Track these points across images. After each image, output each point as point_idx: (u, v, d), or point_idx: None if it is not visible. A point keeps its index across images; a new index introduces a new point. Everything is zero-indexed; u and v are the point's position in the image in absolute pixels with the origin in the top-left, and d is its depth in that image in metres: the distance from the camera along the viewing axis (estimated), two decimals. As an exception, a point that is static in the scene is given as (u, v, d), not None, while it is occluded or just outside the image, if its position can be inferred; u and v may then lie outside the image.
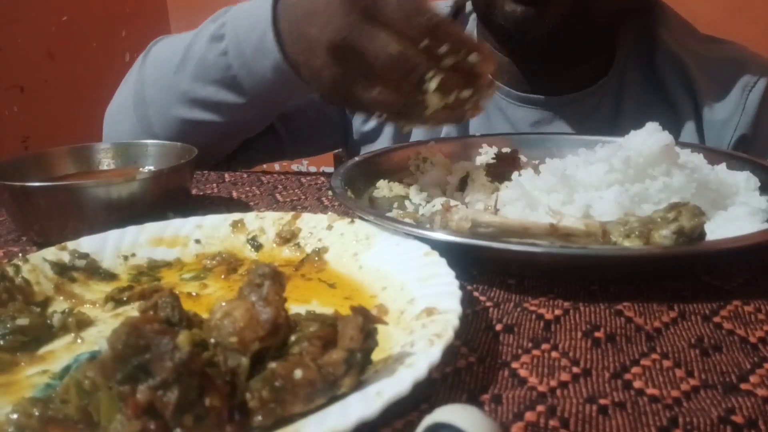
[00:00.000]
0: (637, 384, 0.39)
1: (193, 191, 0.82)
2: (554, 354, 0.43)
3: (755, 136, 0.87)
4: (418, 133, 1.00)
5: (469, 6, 1.01)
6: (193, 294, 0.52)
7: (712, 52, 0.91)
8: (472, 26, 1.01)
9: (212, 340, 0.34)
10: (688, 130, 0.90)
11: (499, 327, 0.46)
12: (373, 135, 1.04)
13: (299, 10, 0.68)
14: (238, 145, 0.96)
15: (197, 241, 0.59)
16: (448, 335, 0.39)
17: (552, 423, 0.35)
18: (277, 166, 2.27)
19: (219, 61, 0.78)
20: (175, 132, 0.84)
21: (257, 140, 0.98)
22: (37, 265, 0.52)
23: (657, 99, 0.92)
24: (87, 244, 0.56)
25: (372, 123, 1.03)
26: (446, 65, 0.59)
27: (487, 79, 0.62)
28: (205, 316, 0.38)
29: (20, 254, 0.62)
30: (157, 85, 0.85)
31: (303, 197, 0.81)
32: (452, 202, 0.65)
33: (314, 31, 0.64)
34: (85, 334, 0.46)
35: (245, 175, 0.91)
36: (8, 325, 0.45)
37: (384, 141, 1.02)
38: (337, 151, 1.37)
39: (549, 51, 0.88)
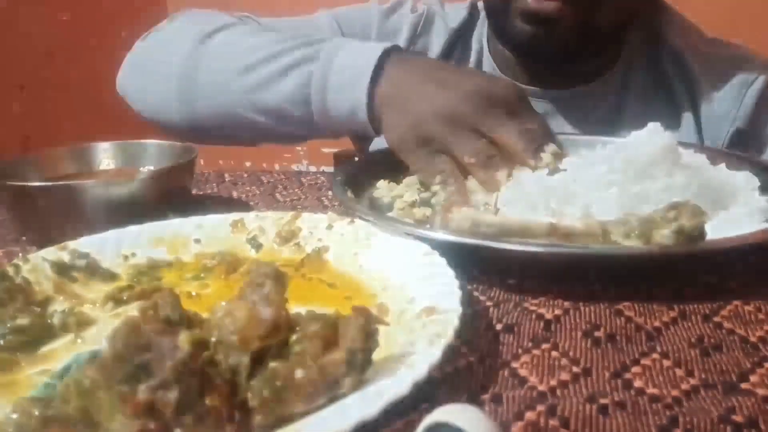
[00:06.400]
0: (638, 383, 0.39)
1: (193, 191, 0.82)
2: (554, 353, 0.43)
3: (752, 131, 0.89)
4: None
5: (481, 4, 1.02)
6: (193, 294, 0.52)
7: (714, 51, 0.93)
8: (482, 25, 1.01)
9: (213, 339, 0.34)
10: (688, 125, 0.91)
11: (499, 327, 0.46)
12: None
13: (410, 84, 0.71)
14: None
15: (197, 241, 0.59)
16: (448, 335, 0.39)
17: (552, 423, 0.35)
18: (277, 166, 2.27)
19: (299, 108, 0.76)
20: (219, 123, 0.84)
21: None
22: (37, 265, 0.52)
23: (660, 94, 0.94)
24: (87, 244, 0.56)
25: None
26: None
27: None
28: (205, 316, 0.37)
29: (20, 254, 0.62)
30: (216, 84, 0.82)
31: (303, 197, 0.81)
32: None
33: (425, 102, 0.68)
34: (85, 334, 0.46)
35: (245, 175, 0.91)
36: (8, 325, 0.45)
37: None
38: (340, 150, 1.37)
39: (558, 60, 0.90)
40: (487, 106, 0.67)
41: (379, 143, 1.03)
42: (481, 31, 1.01)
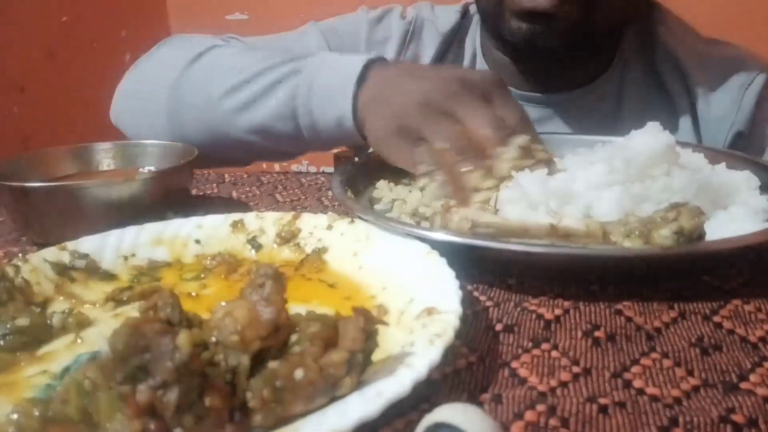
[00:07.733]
0: (637, 383, 0.39)
1: (193, 191, 0.82)
2: (554, 353, 0.43)
3: (752, 134, 0.88)
4: None
5: (473, 8, 1.02)
6: (193, 294, 0.52)
7: (711, 52, 0.92)
8: (475, 29, 1.01)
9: (213, 339, 0.34)
10: (686, 127, 0.91)
11: (499, 327, 0.46)
12: None
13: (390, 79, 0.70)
14: None
15: (197, 241, 0.59)
16: (448, 335, 0.39)
17: (552, 422, 0.35)
18: (277, 166, 2.27)
19: (286, 123, 0.76)
20: (209, 144, 0.82)
21: None
22: (37, 265, 0.52)
23: (657, 97, 0.93)
24: (87, 244, 0.56)
25: None
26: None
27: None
28: (205, 316, 0.38)
29: (20, 254, 0.62)
30: (203, 108, 0.82)
31: (303, 197, 0.81)
32: (452, 202, 0.65)
33: (402, 93, 0.68)
34: (85, 334, 0.46)
35: (245, 175, 0.91)
36: (8, 325, 0.45)
37: None
38: (340, 150, 1.37)
39: (554, 59, 0.90)
40: (461, 90, 0.66)
41: None
42: (474, 35, 1.01)
